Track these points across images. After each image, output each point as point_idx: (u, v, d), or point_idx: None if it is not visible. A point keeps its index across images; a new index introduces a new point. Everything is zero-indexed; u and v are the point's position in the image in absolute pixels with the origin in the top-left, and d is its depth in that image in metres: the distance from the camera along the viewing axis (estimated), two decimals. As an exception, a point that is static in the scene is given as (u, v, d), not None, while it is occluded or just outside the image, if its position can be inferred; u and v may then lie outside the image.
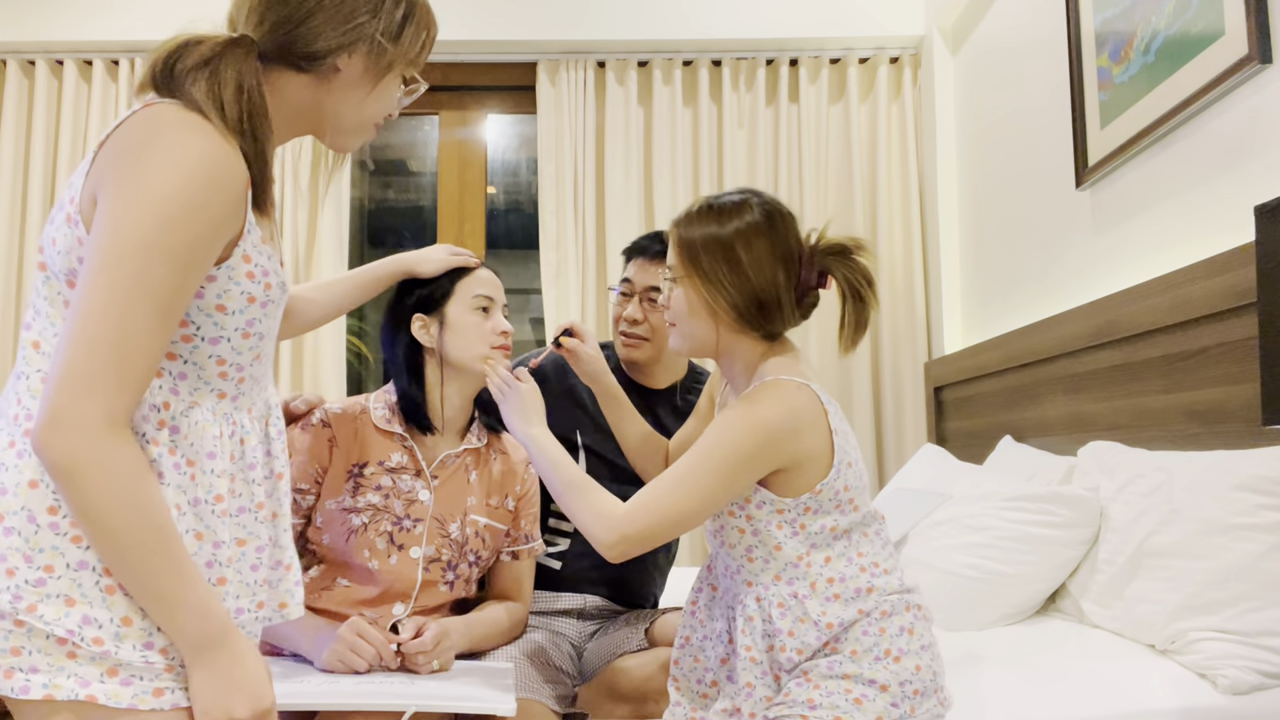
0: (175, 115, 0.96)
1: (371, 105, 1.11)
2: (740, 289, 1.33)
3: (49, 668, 0.93)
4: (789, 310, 1.37)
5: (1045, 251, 2.84)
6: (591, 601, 1.89)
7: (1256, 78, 1.88)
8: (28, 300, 1.01)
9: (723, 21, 3.71)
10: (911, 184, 3.73)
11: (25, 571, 0.93)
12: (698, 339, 1.39)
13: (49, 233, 1.01)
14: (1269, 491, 1.56)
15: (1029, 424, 2.74)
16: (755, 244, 1.33)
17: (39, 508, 0.94)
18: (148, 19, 3.67)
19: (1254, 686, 1.47)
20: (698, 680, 1.42)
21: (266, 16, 1.04)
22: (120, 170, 0.93)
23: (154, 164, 0.92)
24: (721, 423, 1.29)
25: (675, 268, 1.38)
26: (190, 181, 0.92)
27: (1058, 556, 1.93)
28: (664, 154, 3.75)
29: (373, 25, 1.05)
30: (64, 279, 0.99)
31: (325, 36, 1.04)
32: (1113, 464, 1.98)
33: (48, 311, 1.01)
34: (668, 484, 1.28)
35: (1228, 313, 1.84)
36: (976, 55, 3.39)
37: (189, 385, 1.02)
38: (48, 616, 0.93)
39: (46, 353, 1.00)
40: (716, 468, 1.26)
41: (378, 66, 1.08)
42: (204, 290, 0.99)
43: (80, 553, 0.95)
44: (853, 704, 1.24)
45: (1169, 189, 2.18)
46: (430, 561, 1.59)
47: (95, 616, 0.94)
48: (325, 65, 1.05)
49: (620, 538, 1.27)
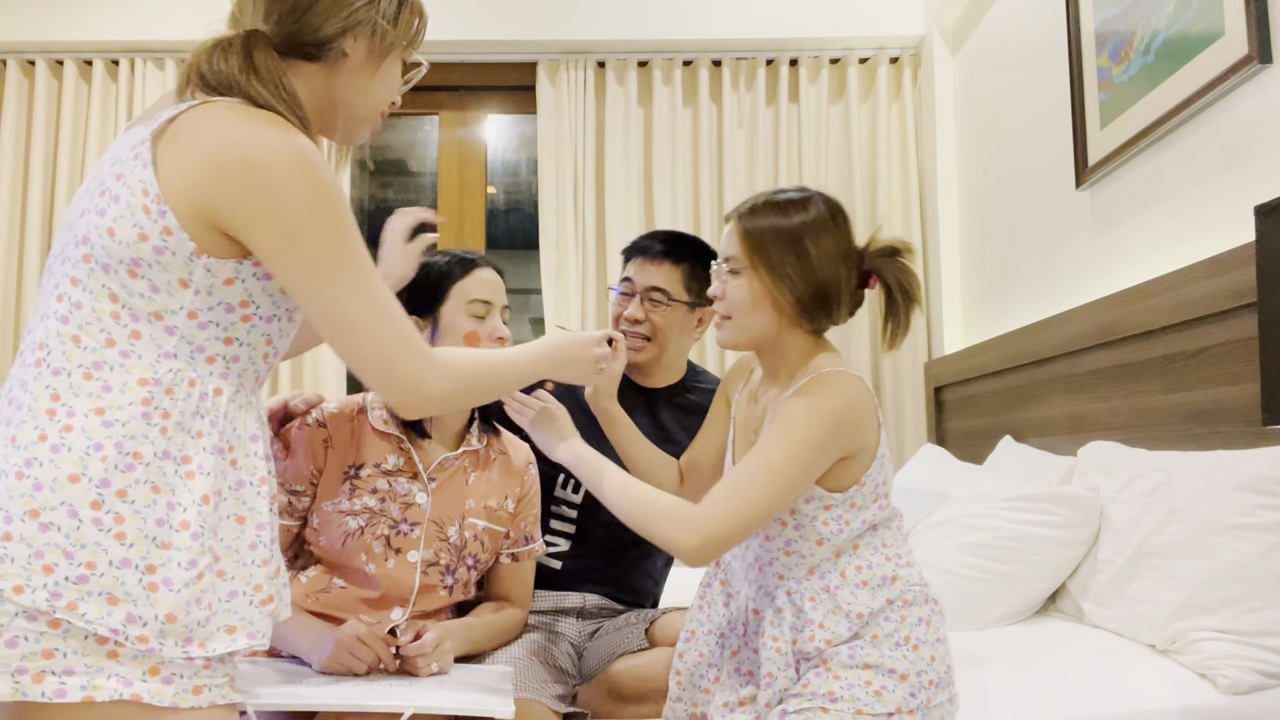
0: (262, 115, 1.02)
1: (377, 89, 1.15)
2: (806, 281, 1.34)
3: (87, 669, 0.92)
4: (844, 307, 1.38)
5: (1045, 251, 2.83)
6: (592, 600, 1.89)
7: (1256, 78, 1.88)
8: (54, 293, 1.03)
9: (723, 21, 3.71)
10: (911, 184, 3.73)
11: (65, 568, 0.92)
12: (754, 330, 1.38)
13: (99, 223, 1.00)
14: (1269, 491, 1.56)
15: (1029, 424, 2.74)
16: (822, 238, 1.34)
17: (81, 503, 0.93)
18: (148, 19, 3.66)
19: (1254, 686, 1.47)
20: (700, 675, 1.42)
21: (272, 9, 1.08)
22: (256, 183, 0.98)
23: (284, 167, 0.99)
24: (786, 416, 1.28)
25: (738, 259, 1.37)
26: (319, 165, 1.01)
27: (1058, 556, 1.93)
28: (664, 154, 3.75)
29: (372, 9, 1.10)
30: (125, 269, 0.99)
31: (330, 22, 1.08)
32: (1113, 464, 1.98)
33: (92, 305, 1.00)
34: (743, 481, 1.26)
35: (1228, 313, 1.84)
36: (976, 55, 3.38)
37: (239, 368, 1.06)
38: (90, 615, 0.91)
39: (87, 347, 0.99)
40: (791, 459, 1.26)
41: (380, 48, 1.12)
42: (271, 274, 1.04)
43: (123, 550, 0.94)
44: (873, 696, 1.25)
45: (1169, 189, 2.18)
46: (428, 565, 1.58)
47: (140, 615, 0.93)
48: (334, 50, 1.09)
49: (705, 539, 1.23)
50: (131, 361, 1.00)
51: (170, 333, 1.01)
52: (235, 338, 1.04)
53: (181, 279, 1.00)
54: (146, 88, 3.71)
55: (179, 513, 0.98)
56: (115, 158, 1.04)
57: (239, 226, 1.00)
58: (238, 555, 1.03)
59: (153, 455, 0.98)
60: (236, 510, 1.03)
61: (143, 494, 0.97)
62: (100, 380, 0.99)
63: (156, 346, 1.01)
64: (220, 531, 1.02)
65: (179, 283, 1.00)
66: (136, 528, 0.95)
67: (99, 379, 0.99)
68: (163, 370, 1.00)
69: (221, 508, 1.01)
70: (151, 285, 1.00)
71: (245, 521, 1.04)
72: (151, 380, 1.00)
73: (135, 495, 0.96)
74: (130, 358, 1.00)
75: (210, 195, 0.99)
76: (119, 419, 0.97)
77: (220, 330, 1.03)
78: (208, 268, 1.00)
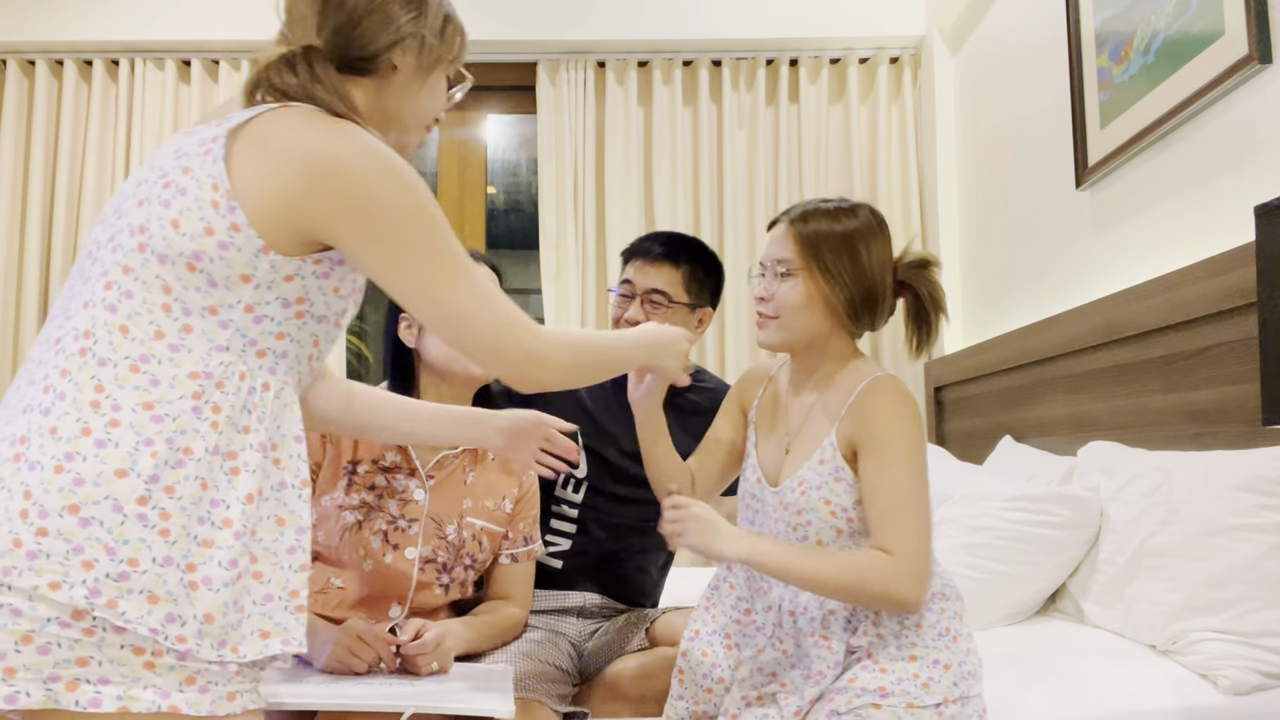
0: (344, 122, 1.04)
1: (426, 102, 1.18)
2: (859, 285, 1.38)
3: (123, 679, 0.89)
4: (885, 313, 1.43)
5: (1045, 251, 2.83)
6: (592, 600, 1.89)
7: (1256, 78, 1.88)
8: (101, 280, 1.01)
9: (723, 21, 3.71)
10: (911, 184, 3.73)
11: (106, 564, 0.89)
12: (802, 331, 1.41)
13: (162, 214, 1.00)
14: (1269, 492, 1.56)
15: (1029, 424, 2.74)
16: (873, 244, 1.39)
17: (128, 497, 0.92)
18: (148, 19, 3.66)
19: (1255, 687, 1.47)
20: (704, 675, 1.43)
21: (324, 24, 1.10)
22: (354, 188, 1.01)
23: (377, 170, 1.02)
24: (883, 427, 1.32)
25: (793, 260, 1.39)
26: (405, 165, 1.05)
27: (1058, 556, 1.93)
28: (664, 154, 3.75)
29: (420, 24, 1.13)
30: (183, 261, 0.99)
31: (381, 35, 1.11)
32: (1113, 464, 1.98)
33: (143, 295, 0.99)
34: (905, 506, 1.28)
35: (1228, 313, 1.84)
36: (976, 55, 3.38)
37: (286, 365, 1.05)
38: (130, 614, 0.89)
39: (136, 339, 0.98)
40: (917, 468, 1.32)
41: (428, 62, 1.15)
42: (330, 272, 1.05)
43: (167, 547, 0.92)
44: (921, 688, 1.27)
45: (1169, 189, 2.18)
46: (425, 562, 1.58)
47: (179, 614, 0.91)
48: (384, 64, 1.12)
49: (916, 579, 1.26)
50: (181, 355, 0.98)
51: (224, 326, 1.00)
52: (287, 333, 1.04)
53: (244, 274, 1.00)
54: (146, 88, 3.72)
55: (222, 510, 0.97)
56: (180, 151, 1.04)
57: (335, 230, 1.01)
58: (275, 558, 1.01)
59: (203, 451, 0.97)
60: (277, 511, 1.02)
61: (191, 490, 0.95)
62: (148, 374, 0.97)
63: (208, 340, 1.00)
64: (259, 532, 1.00)
65: (240, 278, 1.00)
66: (181, 525, 0.94)
67: (146, 372, 0.97)
68: (214, 363, 0.99)
69: (262, 507, 1.00)
70: (210, 280, 0.99)
71: (285, 524, 1.02)
72: (203, 374, 0.99)
73: (183, 491, 0.95)
74: (179, 351, 0.99)
75: (303, 199, 1.00)
76: (169, 413, 0.96)
77: (274, 325, 1.03)
78: (272, 264, 1.00)
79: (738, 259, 3.72)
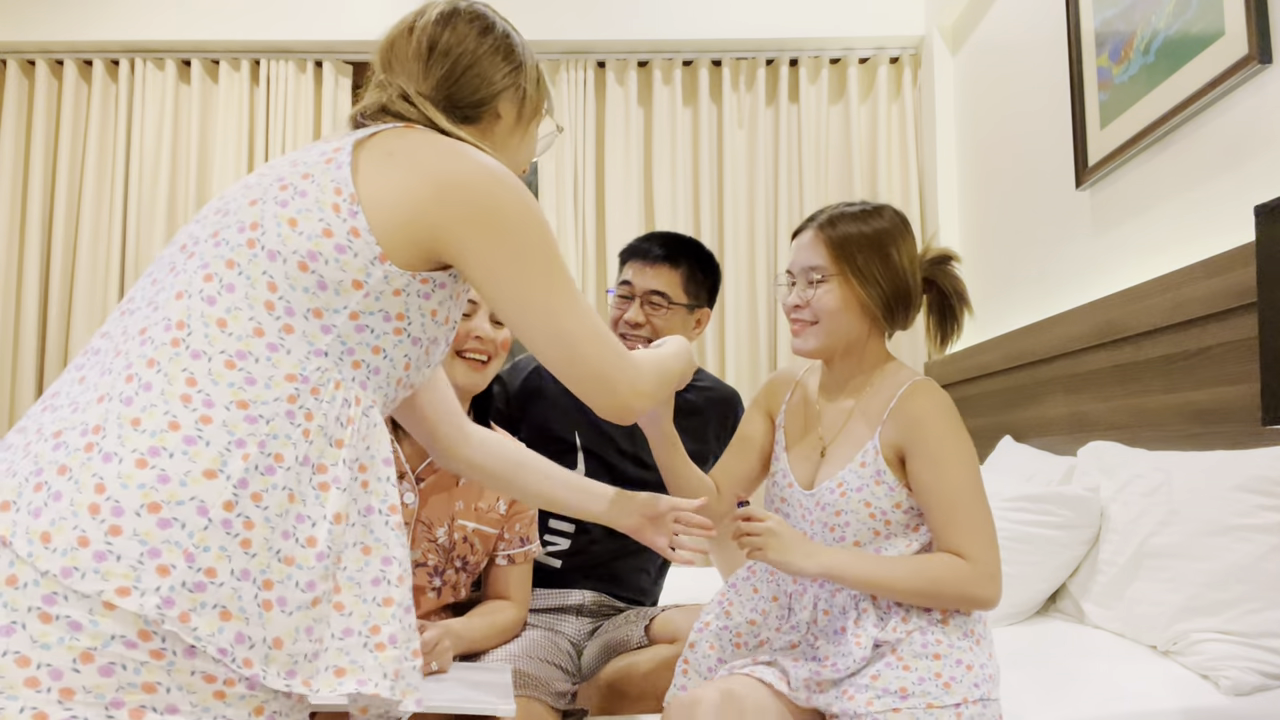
0: (469, 145, 1.06)
1: (523, 151, 1.21)
2: (891, 285, 1.40)
3: (192, 708, 0.83)
4: (917, 309, 1.45)
5: (1045, 251, 2.83)
6: (591, 599, 1.89)
7: (1256, 78, 1.88)
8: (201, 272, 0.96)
9: (723, 21, 3.71)
10: (911, 184, 3.73)
11: (183, 571, 0.82)
12: (841, 335, 1.42)
13: (279, 213, 0.98)
14: (1269, 492, 1.56)
15: (1029, 424, 2.73)
16: (901, 243, 1.41)
17: (215, 501, 0.85)
18: (148, 19, 3.66)
19: (1256, 687, 1.47)
20: (709, 669, 1.44)
21: (429, 74, 1.12)
22: (485, 204, 1.02)
23: (505, 189, 1.04)
24: (932, 432, 1.34)
25: (825, 266, 1.40)
26: (524, 187, 1.08)
27: (1058, 557, 1.93)
28: (664, 154, 3.75)
29: (519, 76, 1.17)
30: (296, 260, 0.96)
31: (486, 84, 1.14)
32: (1113, 464, 1.98)
33: (246, 290, 0.95)
34: (963, 504, 1.31)
35: (1228, 313, 1.84)
36: (976, 55, 3.38)
37: (377, 383, 1.03)
38: (201, 630, 0.82)
39: (233, 334, 0.93)
40: (971, 466, 1.33)
41: (525, 111, 1.19)
42: (432, 293, 1.03)
43: (246, 560, 0.85)
44: (942, 689, 1.27)
45: (1169, 189, 2.18)
46: (416, 566, 1.58)
47: (249, 635, 0.84)
48: (489, 112, 1.15)
49: (991, 578, 1.30)
50: (279, 355, 0.94)
51: (326, 331, 0.97)
52: (383, 349, 1.01)
53: (356, 280, 0.98)
54: (146, 88, 3.72)
55: (307, 527, 0.91)
56: (298, 161, 1.04)
57: (462, 241, 1.02)
58: (359, 589, 0.94)
59: (294, 459, 0.91)
60: (363, 539, 0.95)
61: (277, 500, 0.89)
62: (244, 371, 0.92)
63: (308, 343, 0.96)
64: (344, 559, 0.94)
65: (352, 284, 0.98)
66: (263, 537, 0.87)
67: (242, 369, 0.92)
68: (311, 368, 0.95)
69: (349, 533, 0.94)
70: (320, 281, 0.97)
71: (371, 552, 0.96)
72: (299, 377, 0.94)
73: (270, 501, 0.88)
74: (278, 351, 0.94)
75: (432, 209, 1.00)
76: (264, 415, 0.91)
77: (373, 337, 1.00)
78: (386, 275, 0.99)
79: (737, 259, 3.72)
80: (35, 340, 3.66)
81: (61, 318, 3.67)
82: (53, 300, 3.66)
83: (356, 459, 0.96)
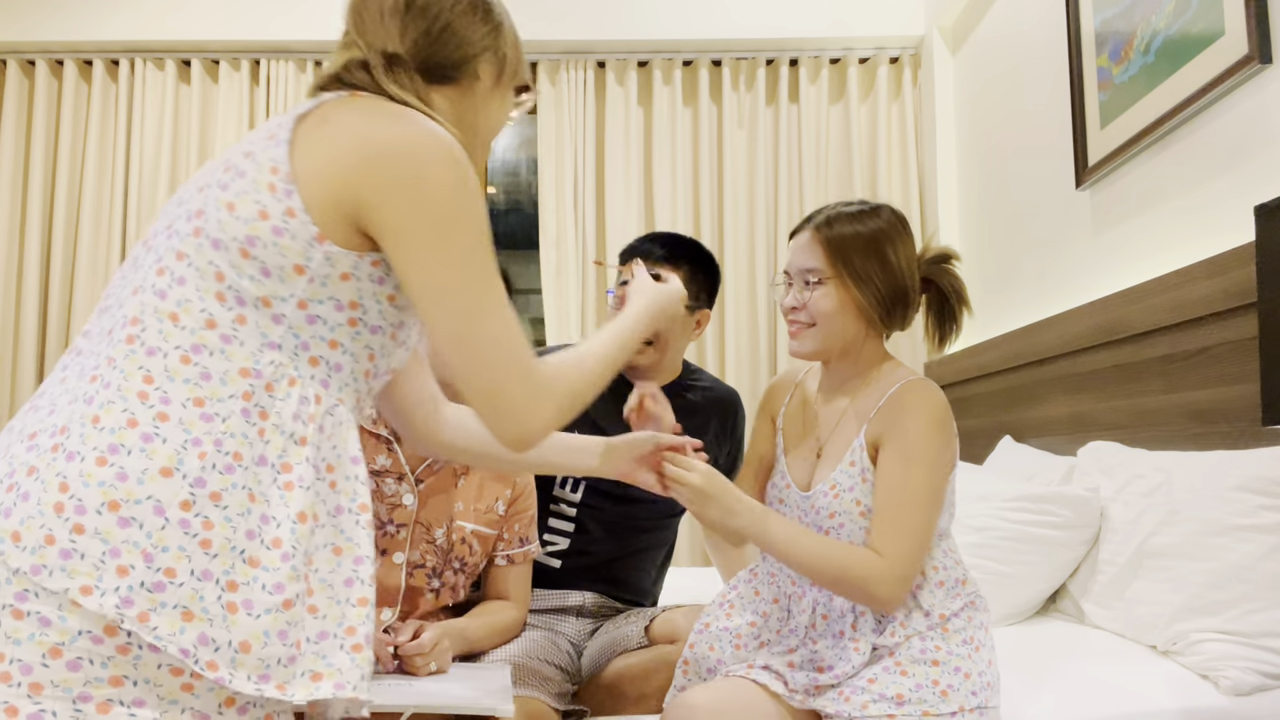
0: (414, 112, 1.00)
1: (498, 114, 1.17)
2: (888, 286, 1.38)
3: (159, 701, 0.83)
4: (915, 310, 1.43)
5: (1045, 251, 2.83)
6: (591, 599, 1.89)
7: (1256, 78, 1.88)
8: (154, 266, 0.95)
9: (723, 21, 3.71)
10: (911, 184, 3.72)
11: (142, 571, 0.82)
12: (839, 337, 1.41)
13: (219, 197, 0.95)
14: (1269, 492, 1.56)
15: (1029, 424, 2.73)
16: (899, 244, 1.39)
17: (171, 500, 0.84)
18: (148, 19, 3.66)
19: (1256, 688, 1.47)
20: (709, 670, 1.43)
21: (407, 32, 1.08)
22: (410, 175, 0.95)
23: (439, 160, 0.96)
24: (906, 428, 1.31)
25: (821, 269, 1.39)
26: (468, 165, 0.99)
27: (1058, 557, 1.93)
28: (664, 154, 3.75)
29: (498, 38, 1.13)
30: (237, 247, 0.93)
31: (464, 44, 1.10)
32: (1113, 464, 1.98)
33: (196, 282, 0.93)
34: (905, 506, 1.28)
35: (1228, 313, 1.84)
36: (976, 55, 3.38)
37: (340, 380, 0.99)
38: (161, 630, 0.82)
39: (186, 327, 0.91)
40: (931, 474, 1.30)
41: (503, 73, 1.15)
42: (387, 276, 0.99)
43: (206, 560, 0.85)
44: (939, 696, 1.27)
45: (1169, 189, 2.18)
46: (414, 567, 1.58)
47: (214, 637, 0.84)
48: (469, 71, 1.11)
49: (895, 583, 1.26)
50: (233, 348, 0.92)
51: (277, 321, 0.94)
52: (340, 342, 0.98)
53: (297, 264, 0.94)
54: (146, 88, 3.72)
55: (272, 528, 0.89)
56: (248, 138, 1.01)
57: (384, 219, 0.95)
58: (331, 590, 0.93)
59: (251, 459, 0.90)
60: (333, 539, 0.94)
61: (238, 500, 0.88)
62: (199, 366, 0.91)
63: (261, 335, 0.94)
64: (315, 561, 0.92)
65: (294, 269, 0.94)
66: (224, 537, 0.86)
67: (198, 364, 0.91)
68: (265, 361, 0.93)
69: (318, 534, 0.92)
70: (263, 268, 0.93)
71: (342, 553, 0.94)
72: (253, 372, 0.92)
73: (230, 501, 0.87)
74: (231, 343, 0.92)
75: (358, 183, 0.94)
76: (219, 413, 0.89)
77: (327, 329, 0.97)
78: (327, 256, 0.95)
79: (738, 259, 3.72)
80: (35, 340, 3.66)
81: (61, 318, 3.67)
82: (53, 300, 3.66)
83: (323, 458, 0.95)
